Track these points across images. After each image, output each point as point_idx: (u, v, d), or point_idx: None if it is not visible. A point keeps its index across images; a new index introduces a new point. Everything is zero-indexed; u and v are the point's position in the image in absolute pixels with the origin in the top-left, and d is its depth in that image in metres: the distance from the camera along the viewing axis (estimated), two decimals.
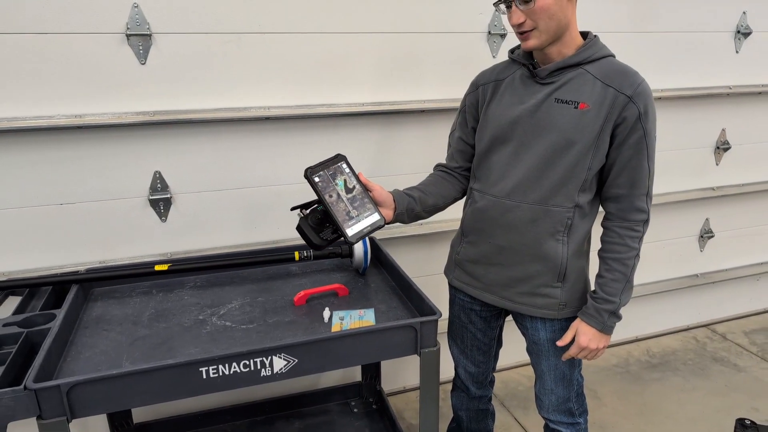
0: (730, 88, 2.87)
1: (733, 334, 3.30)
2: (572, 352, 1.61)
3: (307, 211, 1.55)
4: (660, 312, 3.23)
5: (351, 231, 1.48)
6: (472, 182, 1.71)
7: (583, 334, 1.57)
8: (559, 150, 1.49)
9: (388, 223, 1.58)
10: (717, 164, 3.03)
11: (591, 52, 1.47)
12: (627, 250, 1.52)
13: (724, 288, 3.35)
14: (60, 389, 1.30)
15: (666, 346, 3.17)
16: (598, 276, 1.58)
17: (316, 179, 1.46)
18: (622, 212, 1.53)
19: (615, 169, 1.50)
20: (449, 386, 2.07)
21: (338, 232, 1.50)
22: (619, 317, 1.57)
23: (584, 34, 1.53)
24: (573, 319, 1.64)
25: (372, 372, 2.36)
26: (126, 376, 1.35)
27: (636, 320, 3.17)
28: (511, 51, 1.63)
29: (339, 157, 1.53)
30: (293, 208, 1.56)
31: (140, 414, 2.19)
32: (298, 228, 1.54)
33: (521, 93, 1.54)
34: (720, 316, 3.43)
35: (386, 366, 2.51)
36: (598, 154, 1.48)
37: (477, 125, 1.67)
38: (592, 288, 1.62)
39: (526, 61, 1.53)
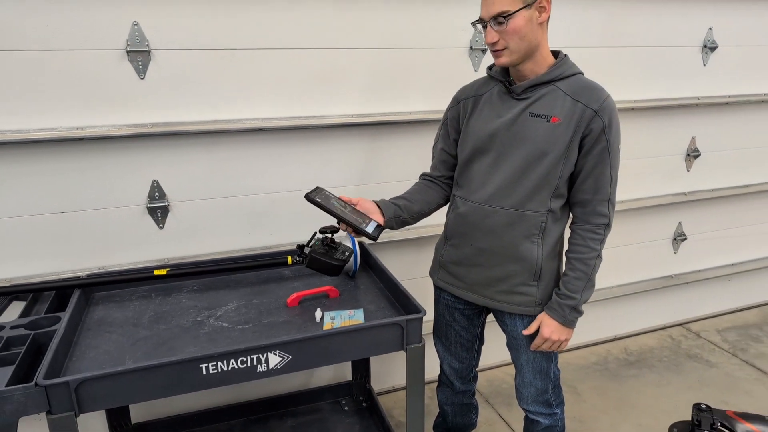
0: (699, 99, 3.02)
1: (706, 332, 3.44)
2: (537, 342, 1.74)
3: (309, 247, 1.75)
4: (637, 312, 3.37)
5: (369, 228, 1.65)
6: (455, 189, 1.83)
7: (546, 326, 1.71)
8: (533, 160, 1.62)
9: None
10: (688, 170, 3.18)
11: (561, 71, 1.61)
12: (588, 251, 1.66)
13: (698, 288, 3.49)
14: (69, 385, 1.39)
15: (643, 344, 3.31)
16: (563, 274, 1.71)
17: (318, 199, 1.64)
18: (585, 216, 1.67)
19: (581, 176, 1.64)
20: (435, 385, 2.18)
21: (357, 232, 1.69)
22: (579, 312, 1.70)
23: (555, 54, 1.65)
24: None
25: (362, 371, 2.45)
26: (131, 372, 1.44)
27: (614, 320, 3.30)
28: (489, 68, 1.75)
29: (319, 188, 1.72)
30: (298, 254, 1.81)
31: (138, 414, 2.27)
32: (311, 265, 1.77)
33: (499, 107, 1.67)
34: (694, 315, 3.57)
35: (376, 366, 2.61)
36: (567, 163, 1.61)
37: (459, 137, 1.79)
38: None
39: (502, 79, 1.66)
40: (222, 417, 2.34)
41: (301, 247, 1.89)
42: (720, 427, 1.45)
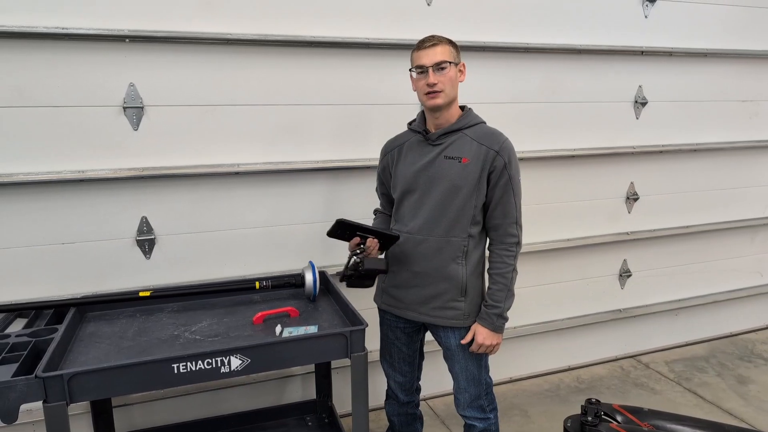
0: (634, 148, 3.40)
1: (655, 364, 3.70)
2: (474, 348, 2.04)
3: (357, 258, 2.04)
4: (590, 344, 3.63)
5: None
6: (393, 224, 2.17)
7: (479, 333, 2.02)
8: (450, 194, 1.97)
9: None
10: (629, 212, 3.53)
11: (467, 120, 1.99)
12: (505, 266, 1.99)
13: (646, 322, 3.77)
14: (63, 378, 1.68)
15: (594, 374, 3.57)
16: (488, 288, 2.04)
17: (355, 222, 2.00)
18: (499, 237, 2.01)
19: (492, 205, 2.00)
20: (383, 413, 2.45)
21: (386, 239, 2.04)
22: (505, 318, 2.02)
23: (461, 107, 2.04)
24: None
25: (325, 391, 2.72)
26: (115, 368, 1.74)
27: (568, 351, 3.57)
28: (409, 123, 2.15)
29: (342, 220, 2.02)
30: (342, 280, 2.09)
31: (121, 425, 2.53)
32: (366, 274, 2.05)
33: (419, 153, 2.04)
34: (645, 347, 3.83)
35: (340, 390, 2.87)
36: (479, 195, 1.97)
37: (391, 181, 2.16)
38: None
39: (420, 130, 2.04)
40: (198, 430, 2.59)
41: (347, 267, 2.09)
42: (603, 416, 1.73)
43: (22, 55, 2.20)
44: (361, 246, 2.03)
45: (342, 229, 1.98)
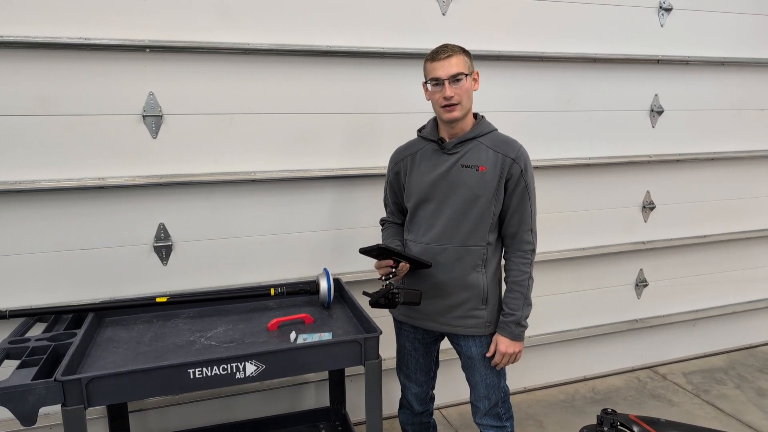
0: (650, 157, 3.38)
1: (673, 375, 3.65)
2: (497, 360, 2.04)
3: (397, 289, 1.98)
4: (606, 354, 3.60)
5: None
6: (406, 234, 2.17)
7: (500, 343, 2.02)
8: (469, 203, 1.97)
9: None
10: (645, 221, 3.50)
11: (482, 129, 2.00)
12: (521, 274, 1.99)
13: (663, 333, 3.73)
14: (81, 381, 1.70)
15: (610, 385, 3.53)
16: (504, 297, 2.04)
17: (392, 247, 1.99)
18: (515, 245, 2.01)
19: (508, 213, 2.00)
20: (396, 422, 2.44)
21: (418, 265, 2.00)
22: (523, 326, 2.02)
23: (474, 115, 2.05)
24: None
25: (338, 398, 2.72)
26: (132, 373, 1.76)
27: (584, 361, 3.54)
28: (419, 130, 2.14)
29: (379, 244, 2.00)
30: (382, 302, 1.99)
31: (137, 429, 2.55)
32: (407, 300, 1.99)
33: (434, 162, 2.04)
34: (662, 359, 3.78)
35: (354, 398, 2.87)
36: (497, 202, 1.98)
37: (404, 190, 2.15)
38: None
39: (435, 138, 2.04)
40: None
41: (383, 297, 1.99)
42: (620, 426, 1.72)
43: (45, 64, 2.25)
44: (393, 270, 2.01)
45: (378, 252, 1.97)
